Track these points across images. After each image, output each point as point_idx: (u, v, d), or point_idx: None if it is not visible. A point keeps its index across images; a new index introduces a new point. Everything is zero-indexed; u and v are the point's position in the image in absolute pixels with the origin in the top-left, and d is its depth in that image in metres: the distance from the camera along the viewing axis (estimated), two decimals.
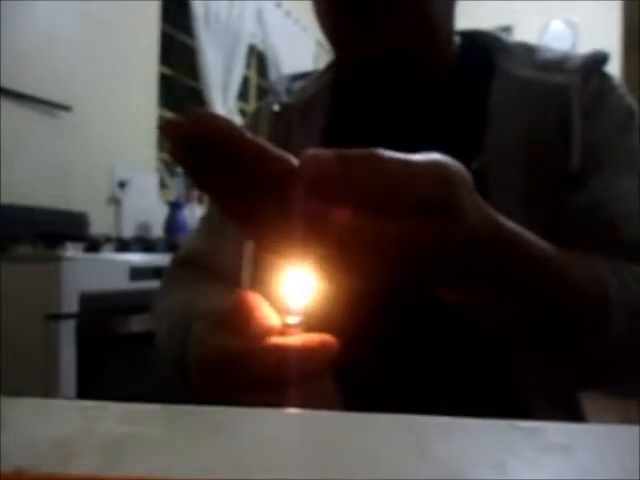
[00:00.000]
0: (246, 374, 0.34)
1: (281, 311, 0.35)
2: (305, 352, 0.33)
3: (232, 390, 0.35)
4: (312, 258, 0.28)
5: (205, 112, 0.27)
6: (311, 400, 0.32)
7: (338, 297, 0.33)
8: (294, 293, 0.34)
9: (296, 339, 0.33)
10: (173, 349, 0.46)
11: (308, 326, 0.35)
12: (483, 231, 0.30)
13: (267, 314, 0.35)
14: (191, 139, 0.26)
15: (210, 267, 0.60)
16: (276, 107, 0.62)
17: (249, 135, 0.26)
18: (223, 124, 0.26)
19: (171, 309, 0.53)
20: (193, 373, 0.41)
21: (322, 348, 0.33)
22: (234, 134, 0.26)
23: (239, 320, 0.35)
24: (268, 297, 0.36)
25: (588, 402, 0.55)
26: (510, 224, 0.34)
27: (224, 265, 0.59)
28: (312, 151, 0.26)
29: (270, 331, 0.34)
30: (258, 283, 0.55)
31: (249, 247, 0.57)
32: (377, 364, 0.50)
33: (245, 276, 0.57)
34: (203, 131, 0.26)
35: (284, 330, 0.34)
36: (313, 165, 0.25)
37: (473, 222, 0.29)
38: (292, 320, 0.34)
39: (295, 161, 0.27)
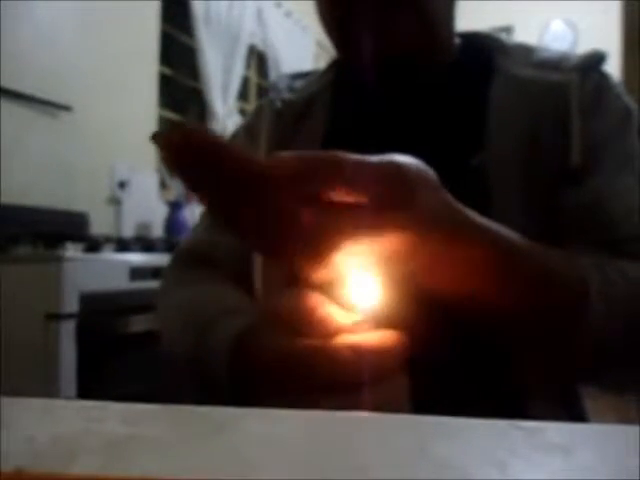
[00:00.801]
0: (320, 375, 0.31)
1: (347, 309, 0.33)
2: (381, 350, 0.31)
3: (300, 392, 0.32)
4: (285, 253, 0.31)
5: (182, 124, 0.31)
6: (385, 400, 0.31)
7: (395, 297, 0.33)
8: (360, 291, 0.33)
9: (374, 337, 0.32)
10: (187, 347, 0.45)
11: (376, 325, 0.33)
12: (446, 224, 0.33)
13: (334, 313, 0.33)
14: (174, 150, 0.30)
15: (213, 261, 0.60)
16: (278, 104, 0.62)
17: (224, 141, 0.30)
18: (199, 134, 0.30)
19: (181, 305, 0.52)
20: (219, 372, 0.39)
21: (398, 345, 0.32)
22: (210, 142, 0.29)
23: (304, 319, 0.33)
24: (333, 296, 0.34)
25: (588, 402, 0.55)
26: (484, 221, 0.35)
27: (227, 259, 0.59)
28: (278, 154, 0.30)
29: (341, 330, 0.32)
30: (266, 277, 0.56)
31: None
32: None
33: (257, 273, 0.57)
34: (182, 142, 0.29)
35: (354, 329, 0.32)
36: (277, 165, 0.29)
37: (432, 214, 0.32)
38: (360, 318, 0.33)
39: (264, 162, 0.30)
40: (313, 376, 0.32)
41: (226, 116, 3.03)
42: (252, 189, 0.30)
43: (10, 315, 1.40)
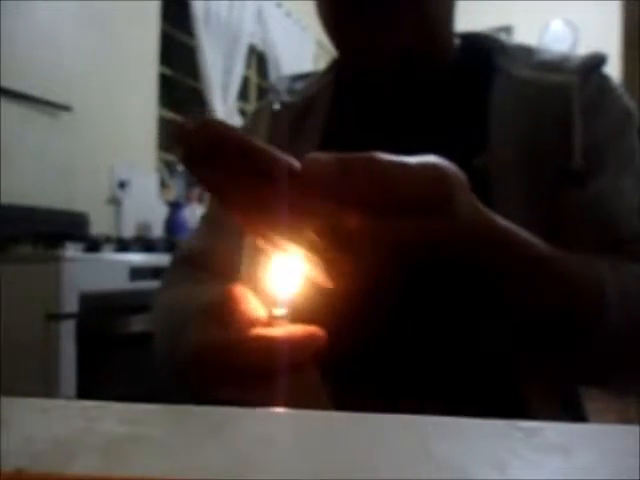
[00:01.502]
0: (232, 365, 0.33)
1: (268, 303, 0.35)
2: (290, 343, 0.33)
3: (221, 383, 0.35)
4: (314, 259, 0.30)
5: (212, 121, 0.28)
6: (296, 393, 0.32)
7: (326, 290, 0.34)
8: (281, 285, 0.34)
9: (281, 330, 0.33)
10: (168, 348, 0.47)
11: (296, 319, 0.34)
12: (478, 229, 0.31)
13: (253, 306, 0.35)
14: (201, 146, 0.28)
15: (210, 266, 0.60)
16: (277, 106, 0.62)
17: (255, 140, 0.28)
18: (229, 132, 0.28)
19: (166, 308, 0.53)
20: (188, 371, 0.41)
21: (307, 339, 0.33)
22: (242, 140, 0.28)
23: (226, 313, 0.35)
24: (259, 290, 0.36)
25: (588, 402, 0.55)
26: (506, 223, 0.34)
27: (224, 263, 0.59)
28: (313, 154, 0.27)
29: (255, 322, 0.34)
30: (250, 277, 0.56)
31: (249, 245, 0.57)
32: (369, 360, 0.50)
33: (246, 274, 0.57)
34: (212, 139, 0.28)
35: (270, 322, 0.34)
36: (313, 168, 0.27)
37: (468, 221, 0.30)
38: (278, 312, 0.34)
39: (297, 164, 0.28)
40: (228, 366, 0.34)
41: (226, 116, 3.03)
42: (286, 193, 0.28)
43: (10, 315, 1.40)
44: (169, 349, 0.46)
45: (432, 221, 0.29)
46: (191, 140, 0.28)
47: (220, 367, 0.34)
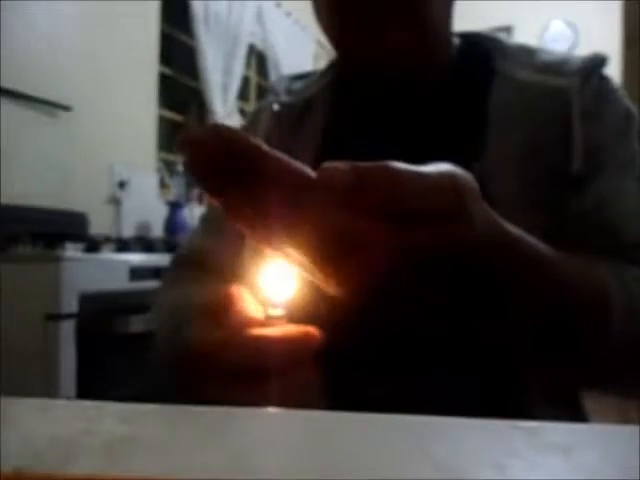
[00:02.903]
0: (228, 365, 0.33)
1: (265, 303, 0.35)
2: (286, 343, 0.33)
3: (218, 382, 0.35)
4: (326, 270, 0.29)
5: (223, 128, 0.27)
6: (294, 392, 0.32)
7: (323, 291, 0.34)
8: (277, 285, 0.34)
9: (276, 330, 0.33)
10: (167, 348, 0.47)
11: (293, 319, 0.34)
12: (490, 237, 0.31)
13: (249, 306, 0.35)
14: (210, 153, 0.27)
15: (210, 266, 0.60)
16: (276, 107, 0.62)
17: (268, 148, 0.27)
18: (241, 139, 0.27)
19: (166, 308, 0.53)
20: (185, 368, 0.41)
21: (303, 339, 0.33)
22: (254, 148, 0.27)
23: (223, 312, 0.35)
24: (258, 290, 0.36)
25: (588, 402, 0.55)
26: (513, 229, 0.34)
27: (224, 264, 0.59)
28: (329, 164, 0.27)
29: (252, 322, 0.34)
30: (250, 277, 0.56)
31: (251, 249, 0.57)
32: (368, 359, 0.50)
33: (247, 274, 0.57)
34: (224, 147, 0.26)
35: (267, 322, 0.34)
36: (329, 177, 0.26)
37: (483, 230, 0.30)
38: (275, 312, 0.34)
39: (313, 174, 0.27)
40: (224, 365, 0.34)
41: (226, 116, 3.03)
42: (299, 202, 0.27)
43: (9, 315, 1.40)
44: (168, 349, 0.46)
45: (448, 231, 0.28)
46: (199, 147, 0.27)
47: (216, 366, 0.34)
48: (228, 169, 0.27)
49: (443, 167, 0.29)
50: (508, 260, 0.33)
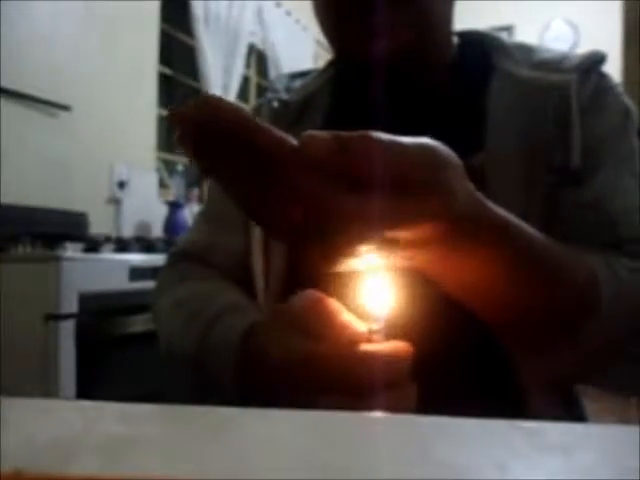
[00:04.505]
0: (333, 380, 0.33)
1: (362, 318, 0.34)
2: (397, 360, 0.33)
3: (309, 393, 0.34)
4: (311, 238, 0.29)
5: (213, 97, 0.28)
6: (393, 409, 0.32)
7: (407, 303, 0.34)
8: (376, 300, 0.34)
9: (388, 347, 0.33)
10: (189, 343, 0.46)
11: (389, 334, 0.34)
12: (474, 214, 0.32)
13: (351, 320, 0.34)
14: (200, 124, 0.27)
15: (209, 261, 0.60)
16: (275, 104, 0.62)
17: (254, 117, 0.28)
18: (231, 107, 0.28)
19: (181, 302, 0.52)
20: (224, 372, 0.40)
21: (407, 356, 0.33)
22: (242, 117, 0.28)
23: (322, 325, 0.34)
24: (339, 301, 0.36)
25: (588, 402, 0.55)
26: (501, 211, 0.34)
27: (225, 259, 0.59)
28: (310, 132, 0.27)
29: (359, 338, 0.34)
30: (261, 272, 0.55)
31: (257, 239, 0.57)
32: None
33: (257, 268, 0.56)
34: (212, 115, 0.27)
35: (369, 337, 0.34)
36: (311, 145, 0.27)
37: (464, 205, 0.30)
38: (375, 327, 0.34)
39: (294, 141, 0.28)
40: (325, 380, 0.33)
41: None
42: (281, 168, 0.28)
43: (9, 315, 1.39)
44: (189, 345, 0.45)
45: (427, 200, 0.29)
46: (189, 116, 0.27)
47: (312, 377, 0.33)
48: (216, 137, 0.28)
49: (425, 140, 0.30)
50: (494, 241, 0.33)
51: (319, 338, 0.34)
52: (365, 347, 0.33)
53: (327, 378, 0.33)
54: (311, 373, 0.33)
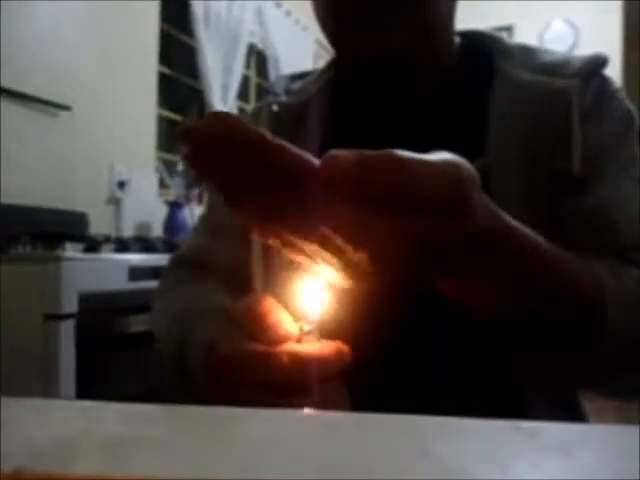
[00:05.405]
0: (263, 378, 0.34)
1: (296, 317, 0.36)
2: (322, 360, 0.34)
3: (244, 392, 0.35)
4: (331, 259, 0.30)
5: (222, 114, 0.27)
6: (322, 403, 0.33)
7: (348, 303, 0.35)
8: (309, 300, 0.35)
9: (314, 347, 0.35)
10: (171, 347, 0.47)
11: (321, 333, 0.36)
12: (489, 227, 0.32)
13: (284, 320, 0.36)
14: (211, 140, 0.26)
15: (209, 267, 0.60)
16: (275, 107, 0.62)
17: (269, 135, 0.27)
18: (242, 124, 0.27)
19: (168, 308, 0.53)
20: (197, 371, 0.41)
21: (337, 356, 0.34)
22: (254, 135, 0.27)
23: (256, 324, 0.36)
24: (280, 302, 0.37)
25: (588, 402, 0.55)
26: (513, 222, 0.34)
27: (223, 265, 0.59)
28: (332, 152, 0.26)
29: (288, 338, 0.35)
30: (269, 287, 0.56)
31: (257, 247, 0.57)
32: (379, 365, 0.50)
33: (256, 277, 0.56)
34: (223, 134, 0.26)
35: (301, 337, 0.35)
36: (332, 165, 0.26)
37: (482, 220, 0.30)
38: (308, 327, 0.35)
39: (315, 161, 0.27)
40: (252, 379, 0.34)
41: None
42: (303, 190, 0.27)
43: (9, 315, 1.39)
44: (176, 349, 0.46)
45: (450, 219, 0.29)
46: (199, 134, 0.26)
47: (248, 377, 0.35)
48: (228, 156, 0.26)
49: (447, 156, 0.29)
50: (507, 250, 0.34)
51: (251, 336, 0.35)
52: (290, 346, 0.34)
53: (250, 374, 0.34)
54: (237, 369, 0.35)
